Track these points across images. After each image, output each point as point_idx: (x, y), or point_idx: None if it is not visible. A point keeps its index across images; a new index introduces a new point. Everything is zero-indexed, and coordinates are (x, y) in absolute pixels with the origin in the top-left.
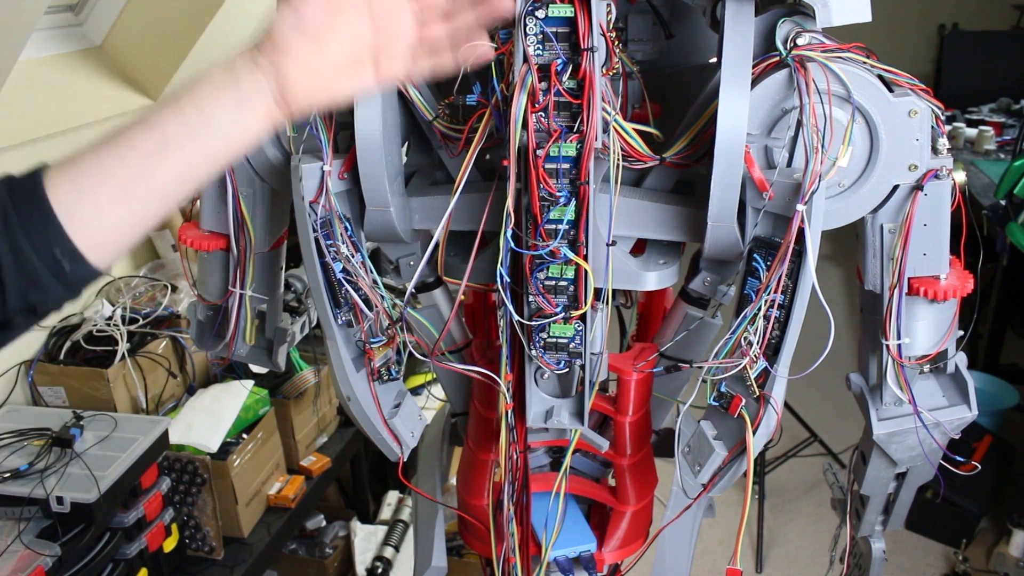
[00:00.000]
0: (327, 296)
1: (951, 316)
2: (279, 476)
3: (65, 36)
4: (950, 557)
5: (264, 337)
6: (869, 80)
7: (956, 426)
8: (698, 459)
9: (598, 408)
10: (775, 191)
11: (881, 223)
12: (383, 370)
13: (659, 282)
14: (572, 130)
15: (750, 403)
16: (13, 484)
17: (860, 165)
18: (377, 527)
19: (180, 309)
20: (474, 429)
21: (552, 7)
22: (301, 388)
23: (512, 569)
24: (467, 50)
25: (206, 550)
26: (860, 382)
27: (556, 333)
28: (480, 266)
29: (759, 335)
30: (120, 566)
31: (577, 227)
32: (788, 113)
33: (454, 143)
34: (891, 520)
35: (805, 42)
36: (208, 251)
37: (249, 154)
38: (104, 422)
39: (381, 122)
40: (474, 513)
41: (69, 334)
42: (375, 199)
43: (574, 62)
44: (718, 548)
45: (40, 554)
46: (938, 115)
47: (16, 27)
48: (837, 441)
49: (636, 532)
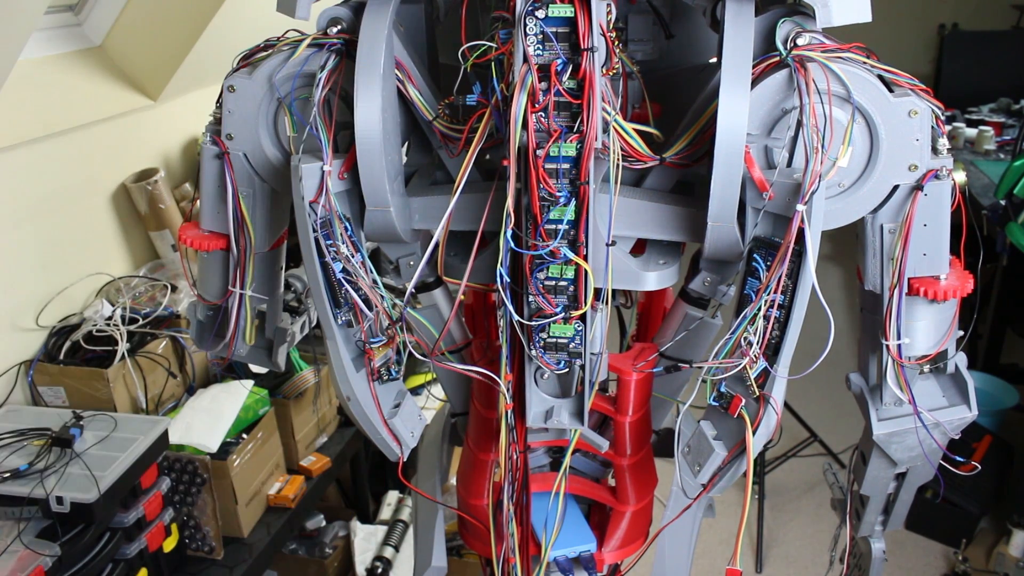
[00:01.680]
0: (327, 296)
1: (951, 316)
2: (279, 476)
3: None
4: (950, 557)
5: (264, 337)
6: (869, 80)
7: (956, 426)
8: (698, 459)
9: (598, 408)
10: (775, 191)
11: (881, 223)
12: (383, 370)
13: (659, 282)
14: (572, 130)
15: (750, 403)
16: (13, 484)
17: (860, 165)
18: (377, 527)
19: (180, 309)
20: (474, 429)
21: (552, 7)
22: (301, 388)
23: (512, 569)
24: None
25: (206, 550)
26: (860, 382)
27: (556, 333)
28: (480, 266)
29: (759, 335)
30: (120, 566)
31: (577, 227)
32: (788, 113)
33: (454, 143)
34: (891, 520)
35: (805, 42)
36: (208, 251)
37: (249, 154)
38: (104, 422)
39: (381, 122)
40: (474, 513)
41: (69, 334)
42: (375, 199)
43: (574, 62)
44: (718, 548)
45: (40, 554)
46: (938, 115)
47: (16, 27)
48: (837, 441)
49: (636, 532)
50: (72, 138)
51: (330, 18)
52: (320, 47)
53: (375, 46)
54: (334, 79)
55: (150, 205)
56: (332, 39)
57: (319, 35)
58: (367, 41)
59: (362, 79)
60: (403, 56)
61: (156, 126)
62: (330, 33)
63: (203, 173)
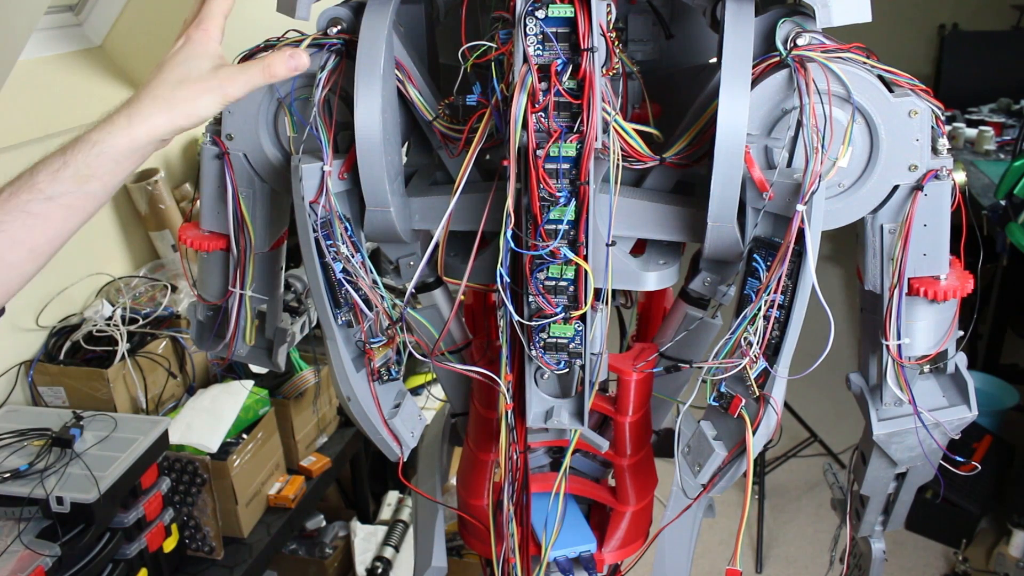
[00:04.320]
0: (327, 296)
1: (951, 316)
2: (279, 476)
3: (65, 36)
4: (950, 557)
5: (264, 337)
6: (869, 80)
7: (956, 426)
8: (698, 459)
9: (598, 408)
10: (775, 191)
11: (881, 223)
12: (383, 370)
13: (659, 282)
14: (572, 130)
15: (750, 403)
16: (13, 484)
17: (860, 165)
18: (377, 527)
19: (180, 309)
20: (474, 429)
21: (552, 7)
22: (301, 388)
23: (512, 569)
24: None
25: (206, 550)
26: (860, 382)
27: (556, 333)
28: (480, 266)
29: (759, 335)
30: (120, 566)
31: (577, 227)
32: (788, 113)
33: (454, 143)
34: (891, 520)
35: (805, 42)
36: (208, 251)
37: (249, 154)
38: (104, 422)
39: (381, 122)
40: (474, 513)
41: (69, 334)
42: (375, 199)
43: (574, 62)
44: (718, 548)
45: (40, 554)
46: (938, 115)
47: (16, 27)
48: (837, 441)
49: (636, 532)
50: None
51: (330, 18)
52: (320, 47)
53: (375, 46)
54: (334, 79)
55: (150, 205)
56: (332, 39)
57: (319, 35)
58: (367, 41)
59: (362, 79)
60: (403, 56)
61: None
62: (330, 33)
63: (203, 173)
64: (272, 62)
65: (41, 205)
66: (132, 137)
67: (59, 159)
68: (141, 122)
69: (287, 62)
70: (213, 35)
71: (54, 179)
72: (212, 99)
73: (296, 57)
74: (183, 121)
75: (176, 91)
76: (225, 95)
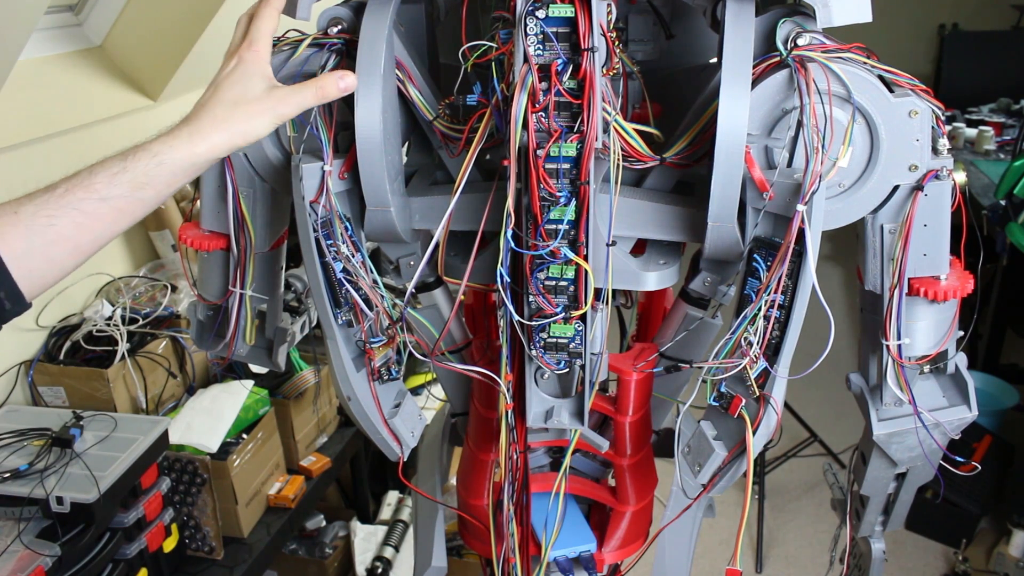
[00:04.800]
0: (327, 296)
1: (951, 316)
2: (279, 476)
3: (65, 36)
4: (950, 557)
5: (264, 337)
6: (869, 80)
7: (956, 426)
8: (698, 459)
9: (598, 408)
10: (775, 191)
11: (881, 223)
12: (383, 370)
13: (659, 282)
14: (572, 130)
15: (750, 403)
16: (13, 484)
17: (860, 165)
18: (377, 527)
19: (180, 309)
20: (474, 429)
21: (552, 7)
22: (301, 388)
23: (512, 569)
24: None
25: (206, 550)
26: (860, 382)
27: (556, 333)
28: (480, 266)
29: (759, 335)
30: (120, 566)
31: (577, 227)
32: (788, 113)
33: (454, 143)
34: (891, 520)
35: (805, 42)
36: (208, 251)
37: (249, 154)
38: (104, 422)
39: (381, 122)
40: (474, 513)
41: (69, 334)
42: (375, 199)
43: (574, 62)
44: (718, 548)
45: (40, 554)
46: (938, 115)
47: (16, 27)
48: (837, 441)
49: (636, 532)
50: (72, 138)
51: (330, 18)
52: (320, 47)
53: (375, 46)
54: None
55: None
56: (332, 39)
57: (319, 35)
58: (367, 41)
59: (362, 79)
60: (403, 56)
61: (156, 126)
62: (330, 33)
63: (203, 173)
64: (324, 84)
65: (94, 204)
66: (193, 153)
67: (119, 163)
68: (201, 140)
69: (338, 83)
70: (263, 55)
71: (111, 182)
72: (267, 120)
73: (346, 79)
74: (240, 140)
75: (233, 111)
76: (278, 115)
